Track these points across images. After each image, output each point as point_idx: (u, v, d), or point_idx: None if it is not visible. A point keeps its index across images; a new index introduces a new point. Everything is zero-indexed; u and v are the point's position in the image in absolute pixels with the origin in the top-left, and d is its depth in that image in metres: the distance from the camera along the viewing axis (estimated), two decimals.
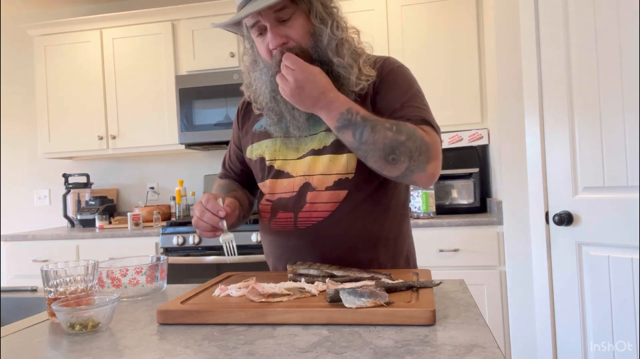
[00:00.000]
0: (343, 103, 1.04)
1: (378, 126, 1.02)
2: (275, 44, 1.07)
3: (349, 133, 1.03)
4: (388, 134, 1.01)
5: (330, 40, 1.09)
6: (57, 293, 0.89)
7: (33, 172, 3.66)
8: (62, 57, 3.24)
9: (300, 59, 1.04)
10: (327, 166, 1.14)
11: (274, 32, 1.07)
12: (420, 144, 1.03)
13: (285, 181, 1.18)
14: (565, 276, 2.01)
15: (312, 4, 1.09)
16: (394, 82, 1.14)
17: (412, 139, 1.02)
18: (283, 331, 0.76)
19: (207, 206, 1.10)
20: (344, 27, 1.13)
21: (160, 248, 2.77)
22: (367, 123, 1.02)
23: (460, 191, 2.80)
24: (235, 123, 1.35)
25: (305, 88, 1.02)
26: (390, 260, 1.19)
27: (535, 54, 2.05)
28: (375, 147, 1.01)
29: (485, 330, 0.73)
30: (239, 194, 1.30)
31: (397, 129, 1.02)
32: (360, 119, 1.02)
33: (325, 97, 1.04)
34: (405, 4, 2.83)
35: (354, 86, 1.10)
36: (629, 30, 1.73)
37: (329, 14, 1.10)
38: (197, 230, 1.13)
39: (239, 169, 1.36)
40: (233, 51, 3.02)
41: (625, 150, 1.76)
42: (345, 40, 1.11)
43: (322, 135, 1.15)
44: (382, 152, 1.02)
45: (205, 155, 3.46)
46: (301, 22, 1.09)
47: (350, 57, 1.10)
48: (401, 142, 1.01)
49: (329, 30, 1.08)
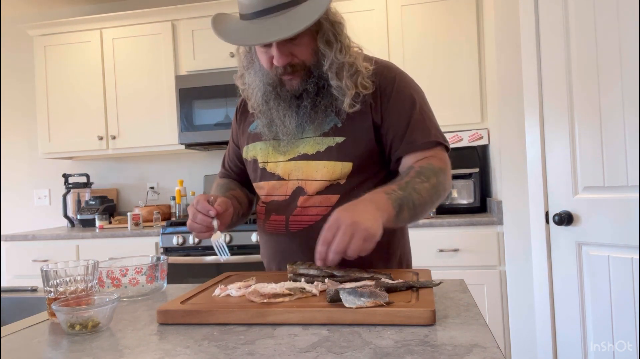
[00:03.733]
0: (380, 197, 1.02)
1: (416, 186, 1.06)
2: (281, 63, 1.08)
3: (405, 210, 1.03)
4: (425, 186, 1.07)
5: (332, 64, 1.10)
6: (57, 293, 0.89)
7: (33, 172, 3.66)
8: (62, 57, 3.23)
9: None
10: (321, 172, 1.14)
11: (281, 50, 1.07)
12: (443, 174, 1.12)
13: (278, 184, 1.19)
14: (565, 276, 2.01)
15: (322, 24, 1.09)
16: (396, 97, 1.15)
17: (437, 175, 1.10)
18: (283, 331, 0.76)
19: (198, 207, 1.10)
20: (348, 46, 1.13)
21: (160, 248, 2.77)
22: (409, 191, 1.04)
23: (460, 191, 2.80)
24: (234, 121, 1.35)
25: (359, 215, 0.94)
26: (381, 262, 1.19)
27: (535, 54, 2.05)
28: (426, 203, 1.07)
29: (485, 330, 0.73)
30: (238, 193, 1.30)
31: (425, 176, 1.08)
32: (402, 192, 1.04)
33: (368, 204, 0.99)
34: (405, 4, 2.82)
35: (348, 107, 1.12)
36: (629, 30, 1.73)
37: (336, 37, 1.11)
38: (193, 232, 1.13)
39: (239, 167, 1.36)
40: (233, 51, 3.01)
41: (625, 150, 1.76)
42: (346, 63, 1.11)
43: (317, 140, 1.15)
44: (431, 203, 1.09)
45: (205, 155, 3.46)
46: (307, 41, 1.09)
47: (349, 79, 1.11)
48: (436, 185, 1.09)
49: (333, 54, 1.09)
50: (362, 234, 0.91)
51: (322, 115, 1.14)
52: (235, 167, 1.37)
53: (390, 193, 1.02)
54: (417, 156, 1.13)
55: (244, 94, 1.24)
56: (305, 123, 1.14)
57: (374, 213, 0.95)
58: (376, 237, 0.93)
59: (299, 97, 1.13)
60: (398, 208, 1.00)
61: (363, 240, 0.91)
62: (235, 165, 1.37)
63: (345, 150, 1.13)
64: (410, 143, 1.13)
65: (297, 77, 1.11)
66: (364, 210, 0.95)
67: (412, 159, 1.14)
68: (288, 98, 1.13)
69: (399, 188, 1.04)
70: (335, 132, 1.14)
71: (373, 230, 0.92)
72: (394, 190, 1.03)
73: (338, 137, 1.14)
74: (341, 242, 0.90)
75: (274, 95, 1.13)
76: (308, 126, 1.14)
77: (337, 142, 1.14)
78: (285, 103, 1.14)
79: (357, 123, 1.14)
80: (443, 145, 1.17)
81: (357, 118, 1.13)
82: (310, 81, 1.11)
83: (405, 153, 1.15)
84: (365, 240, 0.91)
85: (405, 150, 1.14)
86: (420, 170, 1.09)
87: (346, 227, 0.91)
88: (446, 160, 1.16)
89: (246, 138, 1.28)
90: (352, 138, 1.14)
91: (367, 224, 0.92)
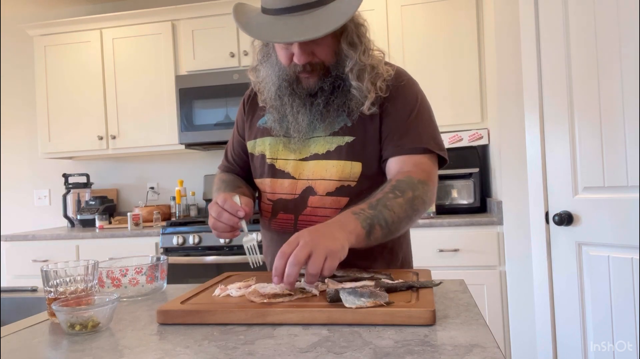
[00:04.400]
0: (345, 216, 0.97)
1: (388, 202, 1.01)
2: (302, 61, 1.07)
3: (377, 229, 0.98)
4: (399, 201, 1.01)
5: (355, 65, 1.09)
6: (57, 293, 0.89)
7: (33, 172, 3.66)
8: (62, 57, 3.23)
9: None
10: (330, 171, 1.14)
11: (302, 49, 1.06)
12: (422, 186, 1.06)
13: (287, 182, 1.18)
14: (565, 276, 2.01)
15: (347, 26, 1.08)
16: (400, 98, 1.14)
17: (415, 188, 1.05)
18: (283, 331, 0.76)
19: (225, 206, 1.07)
20: (371, 48, 1.12)
21: (160, 248, 2.77)
22: (379, 208, 0.99)
23: (460, 191, 2.80)
24: (240, 113, 1.32)
25: (322, 236, 0.89)
26: (385, 265, 1.20)
27: (535, 54, 2.05)
28: (401, 219, 1.02)
29: (485, 330, 0.73)
30: (245, 190, 1.27)
31: (400, 191, 1.03)
32: (371, 211, 0.98)
33: (334, 226, 0.94)
34: (405, 4, 2.82)
35: (367, 110, 1.11)
36: (629, 30, 1.73)
37: (360, 39, 1.10)
38: (215, 231, 1.10)
39: (243, 160, 1.32)
40: (233, 51, 3.02)
41: (625, 150, 1.76)
42: (368, 66, 1.10)
43: (327, 140, 1.15)
44: (408, 218, 1.04)
45: (205, 155, 3.46)
46: (329, 42, 1.08)
47: (369, 82, 1.10)
48: (411, 199, 1.03)
49: (357, 56, 1.08)
50: (322, 251, 0.85)
51: (334, 114, 1.13)
52: (239, 160, 1.34)
53: (359, 213, 0.97)
54: (403, 160, 1.11)
55: (255, 87, 1.23)
56: (317, 121, 1.14)
57: (337, 234, 0.90)
58: (338, 255, 0.87)
59: (314, 94, 1.12)
60: (368, 227, 0.96)
61: (324, 256, 0.85)
62: (240, 157, 1.33)
63: (354, 150, 1.13)
64: (398, 146, 1.11)
65: (314, 75, 1.11)
66: (326, 231, 0.90)
67: (397, 163, 1.11)
68: (303, 96, 1.13)
69: (369, 206, 0.99)
70: (345, 132, 1.14)
71: (334, 248, 0.86)
72: (362, 210, 0.98)
73: (348, 137, 1.14)
74: (300, 255, 0.84)
75: (289, 91, 1.13)
76: (319, 124, 1.13)
77: (347, 142, 1.13)
78: (299, 100, 1.13)
79: (367, 123, 1.13)
80: (434, 154, 1.13)
81: (367, 118, 1.13)
82: (327, 80, 1.11)
83: (390, 156, 1.13)
84: (327, 256, 0.85)
85: (392, 153, 1.12)
86: (396, 184, 1.05)
87: (305, 243, 0.85)
88: (430, 170, 1.11)
89: (254, 132, 1.26)
90: (361, 138, 1.13)
91: (327, 243, 0.86)
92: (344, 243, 0.90)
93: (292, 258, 0.84)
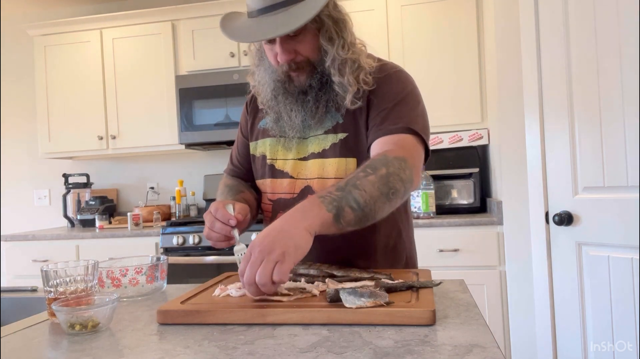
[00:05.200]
0: (309, 200, 0.93)
1: (357, 182, 0.95)
2: (284, 60, 1.09)
3: (348, 211, 0.92)
4: (370, 179, 0.95)
5: (334, 60, 1.10)
6: (57, 293, 0.89)
7: (33, 172, 3.66)
8: (62, 57, 3.23)
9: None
10: (327, 170, 1.14)
11: (284, 47, 1.08)
12: (398, 162, 1.00)
13: (286, 181, 1.19)
14: (565, 276, 2.01)
15: (324, 21, 1.09)
16: (386, 87, 1.14)
17: (389, 164, 0.99)
18: (283, 331, 0.76)
19: (217, 215, 1.06)
20: (351, 43, 1.12)
21: (160, 248, 2.77)
22: (347, 189, 0.93)
23: (460, 191, 2.80)
24: (243, 115, 1.34)
25: (278, 237, 0.85)
26: (387, 266, 1.20)
27: (535, 54, 2.05)
28: (375, 199, 0.95)
29: (485, 330, 0.73)
30: (247, 195, 1.27)
31: (372, 168, 0.97)
32: (338, 192, 0.93)
33: (293, 215, 0.90)
34: (405, 4, 2.82)
35: (350, 104, 1.11)
36: (629, 29, 1.73)
37: (338, 32, 1.10)
38: (210, 241, 1.09)
39: (248, 163, 1.32)
40: (233, 51, 3.02)
41: (625, 150, 1.76)
42: (349, 59, 1.11)
43: (323, 138, 1.16)
44: (384, 197, 0.96)
45: (205, 155, 3.46)
46: (310, 38, 1.10)
47: (351, 75, 1.10)
48: (385, 175, 0.97)
49: (335, 50, 1.09)
50: (273, 257, 0.81)
51: (323, 110, 1.14)
52: (245, 162, 1.33)
53: (325, 196, 0.92)
54: (383, 141, 1.07)
55: (254, 91, 1.25)
56: (309, 119, 1.15)
57: (294, 229, 0.86)
58: (292, 256, 0.83)
59: (305, 92, 1.14)
60: (335, 210, 0.90)
61: (273, 264, 0.81)
62: (245, 159, 1.33)
63: (348, 146, 1.14)
64: (379, 130, 1.09)
65: (303, 73, 1.12)
66: (282, 229, 0.86)
67: (377, 145, 1.08)
68: (295, 94, 1.14)
69: (337, 188, 0.94)
70: (338, 129, 1.15)
71: (287, 249, 0.83)
72: (329, 192, 0.93)
73: (341, 134, 1.14)
74: (252, 273, 0.82)
75: (282, 91, 1.14)
76: (310, 120, 1.15)
77: (340, 139, 1.14)
78: (292, 98, 1.14)
79: (357, 118, 1.14)
80: (419, 136, 1.08)
81: (358, 113, 1.14)
82: (315, 77, 1.12)
83: (372, 141, 1.09)
84: (278, 261, 0.81)
85: (372, 138, 1.09)
86: (368, 163, 0.99)
87: (255, 258, 0.82)
88: (410, 148, 1.05)
89: (255, 134, 1.28)
90: (353, 133, 1.14)
91: (280, 245, 0.83)
92: (303, 235, 0.86)
93: (246, 278, 0.82)
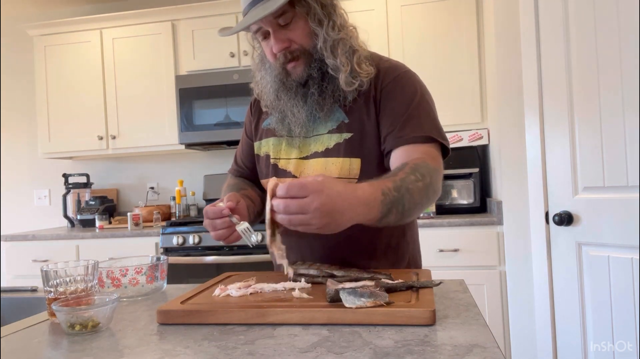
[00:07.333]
0: (372, 193, 0.90)
1: (410, 186, 0.96)
2: (278, 49, 1.10)
3: (394, 213, 0.93)
4: (419, 186, 0.97)
5: (325, 41, 1.10)
6: (57, 293, 0.89)
7: (33, 172, 3.66)
8: (62, 57, 3.23)
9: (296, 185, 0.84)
10: (330, 169, 1.13)
11: (277, 37, 1.09)
12: (437, 175, 1.05)
13: (288, 181, 1.18)
14: (565, 276, 2.01)
15: (310, 5, 1.09)
16: (397, 91, 1.13)
17: (432, 175, 1.02)
18: (283, 331, 0.76)
19: (210, 216, 1.07)
20: (342, 25, 1.13)
21: (160, 248, 2.77)
22: (402, 191, 0.94)
23: (460, 191, 2.80)
24: (247, 116, 1.34)
25: (334, 214, 0.83)
26: (389, 266, 1.20)
27: (535, 54, 2.05)
28: (415, 206, 0.98)
29: (485, 330, 0.73)
30: (250, 192, 1.27)
31: (421, 175, 0.99)
32: (395, 193, 0.93)
33: (355, 202, 0.87)
34: (405, 4, 2.83)
35: (345, 85, 1.11)
36: (629, 30, 1.73)
37: (327, 15, 1.11)
38: (225, 241, 1.07)
39: (252, 163, 1.32)
40: (233, 51, 3.02)
41: (625, 150, 1.76)
42: (340, 40, 1.11)
43: (325, 137, 1.15)
44: (420, 206, 1.01)
45: (205, 155, 3.46)
46: (301, 25, 1.10)
47: (344, 56, 1.10)
48: (428, 186, 1.00)
49: (324, 32, 1.10)
50: (308, 218, 0.81)
51: (331, 100, 1.13)
52: (248, 163, 1.34)
53: (387, 194, 0.92)
54: (409, 149, 1.07)
55: (258, 96, 1.25)
56: (315, 111, 1.14)
57: (350, 212, 0.85)
58: (326, 232, 0.84)
59: (305, 85, 1.13)
60: (386, 211, 0.91)
61: (317, 228, 0.82)
62: (249, 160, 1.33)
63: (352, 146, 1.13)
64: (400, 137, 1.09)
65: (300, 63, 1.12)
66: (343, 205, 0.84)
67: (403, 153, 1.08)
68: (294, 88, 1.14)
69: (394, 187, 0.93)
70: (342, 129, 1.14)
71: (333, 227, 0.83)
72: (389, 189, 0.92)
73: (346, 133, 1.14)
74: (285, 206, 0.82)
75: (282, 87, 1.14)
76: (318, 114, 1.13)
77: (345, 139, 1.13)
78: (291, 93, 1.14)
79: (365, 119, 1.13)
80: (438, 142, 1.10)
81: (364, 113, 1.13)
82: (314, 66, 1.12)
83: (394, 147, 1.09)
84: (310, 225, 0.82)
85: (394, 144, 1.09)
86: (414, 167, 1.00)
87: (315, 208, 0.80)
88: (439, 160, 1.09)
89: (259, 134, 1.28)
90: (359, 134, 1.13)
91: (331, 220, 0.82)
92: (345, 224, 0.86)
93: (276, 205, 0.83)
